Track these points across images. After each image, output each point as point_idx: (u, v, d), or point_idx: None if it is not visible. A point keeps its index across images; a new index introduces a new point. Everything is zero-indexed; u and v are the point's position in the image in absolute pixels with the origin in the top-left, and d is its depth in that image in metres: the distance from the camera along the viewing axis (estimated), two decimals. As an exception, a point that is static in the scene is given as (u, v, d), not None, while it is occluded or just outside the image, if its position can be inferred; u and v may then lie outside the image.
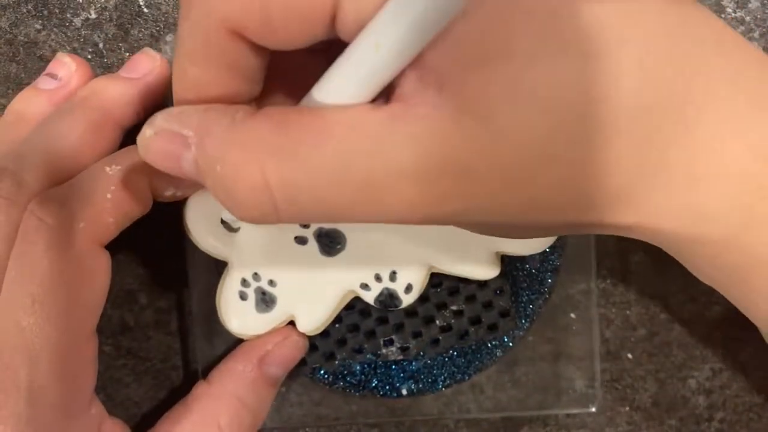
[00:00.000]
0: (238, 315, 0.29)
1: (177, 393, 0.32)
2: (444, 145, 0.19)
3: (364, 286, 0.29)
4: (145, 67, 0.28)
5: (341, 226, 0.29)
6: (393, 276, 0.29)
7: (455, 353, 0.31)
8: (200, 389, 0.29)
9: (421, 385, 0.32)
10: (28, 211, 0.24)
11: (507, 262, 0.30)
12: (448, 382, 0.32)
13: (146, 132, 0.22)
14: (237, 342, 0.30)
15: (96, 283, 0.25)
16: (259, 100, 0.23)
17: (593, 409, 0.32)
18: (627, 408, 0.33)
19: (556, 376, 0.32)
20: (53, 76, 0.29)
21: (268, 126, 0.20)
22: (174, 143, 0.21)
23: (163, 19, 0.31)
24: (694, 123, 0.20)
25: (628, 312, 0.33)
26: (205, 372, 0.30)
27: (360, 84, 0.20)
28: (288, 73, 0.23)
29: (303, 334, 0.30)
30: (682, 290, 0.33)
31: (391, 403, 0.33)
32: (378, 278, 0.29)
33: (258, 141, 0.20)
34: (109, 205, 0.25)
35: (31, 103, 0.28)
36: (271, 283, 0.29)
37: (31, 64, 0.32)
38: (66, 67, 0.29)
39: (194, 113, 0.21)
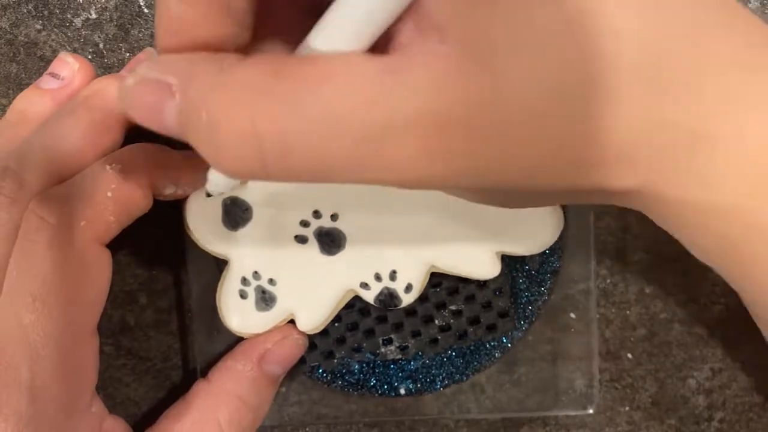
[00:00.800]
0: (238, 313, 0.29)
1: (177, 393, 0.32)
2: (446, 97, 0.18)
3: (364, 285, 0.29)
4: (146, 66, 0.28)
5: (342, 225, 0.29)
6: (393, 275, 0.29)
7: (453, 353, 0.31)
8: (200, 387, 0.29)
9: (419, 385, 0.31)
10: (30, 210, 0.24)
11: (507, 262, 0.30)
12: (447, 382, 0.32)
13: (128, 81, 0.20)
14: (237, 340, 0.30)
15: (97, 281, 0.25)
16: (248, 53, 0.21)
17: (592, 410, 0.32)
18: (626, 408, 0.33)
19: (556, 377, 0.32)
20: (56, 76, 0.29)
21: (260, 70, 0.18)
22: (156, 92, 0.19)
23: (164, 19, 0.31)
24: (700, 84, 0.20)
25: (627, 312, 0.33)
26: (205, 370, 0.30)
27: (356, 28, 0.18)
28: (280, 27, 0.22)
29: (303, 333, 0.30)
30: (682, 290, 0.33)
31: (391, 403, 0.33)
32: (378, 277, 0.29)
33: (249, 85, 0.18)
34: (110, 203, 0.25)
35: (34, 102, 0.28)
36: (271, 281, 0.29)
37: (31, 64, 0.32)
38: (68, 67, 0.29)
39: (179, 60, 0.20)
